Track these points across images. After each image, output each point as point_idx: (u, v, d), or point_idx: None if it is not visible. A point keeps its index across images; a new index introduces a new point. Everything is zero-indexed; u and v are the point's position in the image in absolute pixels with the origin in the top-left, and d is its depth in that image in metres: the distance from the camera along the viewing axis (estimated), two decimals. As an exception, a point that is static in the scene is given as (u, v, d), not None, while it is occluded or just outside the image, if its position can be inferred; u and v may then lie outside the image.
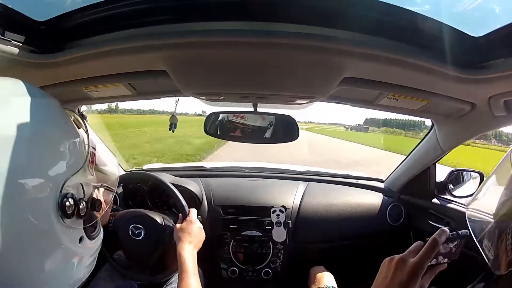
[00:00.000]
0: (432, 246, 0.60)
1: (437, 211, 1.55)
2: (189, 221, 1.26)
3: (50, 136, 0.50)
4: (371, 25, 0.75)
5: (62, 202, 0.49)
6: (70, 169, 0.52)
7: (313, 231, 1.69)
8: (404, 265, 0.60)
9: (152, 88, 1.25)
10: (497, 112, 0.98)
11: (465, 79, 0.82)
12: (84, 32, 0.83)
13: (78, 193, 0.53)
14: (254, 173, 1.99)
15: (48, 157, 0.49)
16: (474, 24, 0.77)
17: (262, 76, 0.95)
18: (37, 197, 0.46)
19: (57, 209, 0.48)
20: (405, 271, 0.60)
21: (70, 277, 0.54)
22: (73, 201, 0.51)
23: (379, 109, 1.28)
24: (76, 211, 0.51)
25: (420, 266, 0.59)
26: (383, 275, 0.63)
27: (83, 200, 0.54)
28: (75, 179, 0.52)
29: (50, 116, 0.53)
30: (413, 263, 0.60)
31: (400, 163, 1.77)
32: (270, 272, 1.64)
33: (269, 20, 0.74)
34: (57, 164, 0.50)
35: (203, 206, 1.69)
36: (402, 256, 0.62)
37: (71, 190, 0.51)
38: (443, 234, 0.61)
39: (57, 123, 0.54)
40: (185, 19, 0.76)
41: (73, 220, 0.51)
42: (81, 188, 0.54)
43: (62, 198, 0.49)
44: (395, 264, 0.62)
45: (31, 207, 0.45)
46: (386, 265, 0.64)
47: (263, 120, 1.24)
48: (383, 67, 0.86)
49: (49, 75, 0.97)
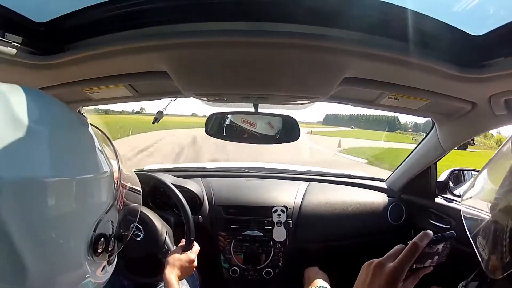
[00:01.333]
0: (412, 250, 0.58)
1: (438, 210, 1.55)
2: (187, 255, 1.22)
3: (91, 178, 0.49)
4: (371, 25, 0.75)
5: (93, 243, 0.49)
6: (103, 208, 0.51)
7: (314, 230, 1.69)
8: (382, 269, 0.58)
9: (152, 89, 1.25)
10: (498, 111, 0.98)
11: (466, 78, 0.82)
12: (84, 33, 0.83)
13: (107, 229, 0.52)
14: (254, 173, 1.99)
15: (88, 200, 0.48)
16: (474, 23, 0.77)
17: (263, 76, 0.95)
18: (71, 239, 0.46)
19: (88, 249, 0.48)
20: (383, 275, 0.57)
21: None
22: (104, 240, 0.50)
23: (380, 109, 1.28)
24: (105, 248, 0.51)
25: (399, 271, 0.57)
26: (362, 279, 0.62)
27: (112, 236, 0.53)
28: (107, 217, 0.52)
29: (92, 154, 0.52)
30: (392, 267, 0.57)
31: (401, 162, 1.77)
32: (271, 272, 1.64)
33: (269, 20, 0.74)
34: (93, 206, 0.49)
35: (204, 206, 1.69)
36: (381, 260, 0.60)
37: (102, 230, 0.50)
38: (425, 238, 0.59)
39: (97, 161, 0.52)
40: (185, 20, 0.76)
41: (101, 256, 0.51)
42: (111, 225, 0.53)
43: (94, 239, 0.49)
44: (373, 268, 0.60)
45: (65, 247, 0.45)
46: (365, 269, 0.62)
47: (272, 128, 1.24)
48: (383, 67, 0.86)
49: (49, 77, 0.97)
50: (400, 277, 0.57)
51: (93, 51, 0.82)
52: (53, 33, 0.82)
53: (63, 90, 1.08)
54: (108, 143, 0.60)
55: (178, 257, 1.19)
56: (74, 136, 0.50)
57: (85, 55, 0.83)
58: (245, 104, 1.21)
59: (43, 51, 0.83)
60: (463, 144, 1.36)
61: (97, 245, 0.49)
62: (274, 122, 1.25)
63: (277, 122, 1.25)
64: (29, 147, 0.41)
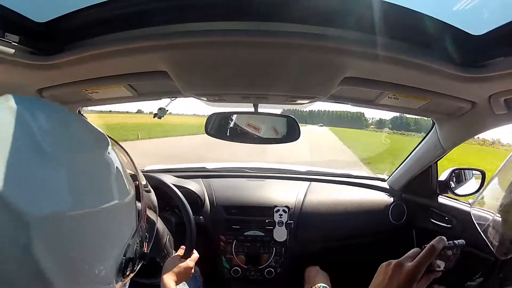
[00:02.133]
0: (430, 252, 0.61)
1: (439, 210, 1.55)
2: (186, 263, 1.21)
3: (116, 204, 0.48)
4: (371, 25, 0.75)
5: (122, 268, 0.49)
6: (130, 232, 0.51)
7: (315, 230, 1.69)
8: (401, 269, 0.62)
9: (152, 89, 1.25)
10: (498, 110, 0.98)
11: (465, 78, 0.82)
12: (84, 34, 0.83)
13: (133, 252, 0.52)
14: (255, 173, 1.99)
15: (115, 227, 0.48)
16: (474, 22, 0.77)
17: (262, 76, 0.95)
18: (103, 265, 0.46)
19: (117, 274, 0.48)
20: (402, 275, 0.61)
21: None
22: (131, 264, 0.50)
23: (380, 109, 1.28)
24: (132, 269, 0.52)
25: (417, 271, 0.61)
26: (380, 279, 0.65)
27: (137, 257, 0.53)
28: (134, 240, 0.52)
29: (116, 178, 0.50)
30: (411, 267, 0.61)
31: (402, 162, 1.77)
32: (273, 272, 1.64)
33: (269, 20, 0.74)
34: (121, 231, 0.49)
35: (206, 206, 1.69)
36: (400, 261, 0.64)
37: (131, 254, 0.50)
38: (441, 242, 0.63)
39: (121, 186, 0.50)
40: (185, 20, 0.76)
41: (128, 277, 0.52)
42: (136, 246, 0.53)
43: (124, 264, 0.49)
44: (393, 268, 0.63)
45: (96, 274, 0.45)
46: (383, 269, 0.65)
47: (276, 133, 1.24)
48: (383, 67, 0.86)
49: (49, 77, 0.97)
50: (418, 277, 0.61)
51: (93, 51, 0.82)
52: (53, 33, 0.82)
53: (63, 90, 1.08)
54: (128, 159, 0.59)
55: (177, 263, 1.19)
56: (97, 163, 0.48)
57: (85, 55, 0.82)
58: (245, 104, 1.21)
59: (43, 51, 0.83)
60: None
61: (126, 269, 0.49)
62: (279, 126, 1.25)
63: (281, 127, 1.25)
64: (51, 179, 0.40)
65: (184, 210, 1.37)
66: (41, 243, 0.37)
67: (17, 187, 0.36)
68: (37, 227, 0.37)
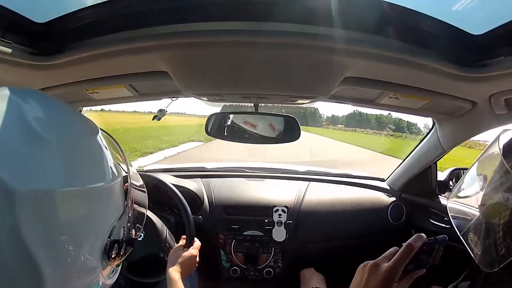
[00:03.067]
0: (407, 251, 0.59)
1: (438, 210, 1.55)
2: (189, 252, 1.21)
3: (103, 186, 0.50)
4: (371, 24, 0.75)
5: (108, 250, 0.50)
6: (116, 214, 0.52)
7: (315, 230, 1.69)
8: (377, 270, 0.60)
9: (153, 89, 1.25)
10: (498, 110, 0.98)
11: (466, 78, 0.82)
12: (85, 34, 0.83)
13: (120, 235, 0.53)
14: (255, 173, 1.99)
15: (101, 208, 0.49)
16: (474, 22, 0.77)
17: (263, 76, 0.95)
18: (88, 245, 0.47)
19: (102, 255, 0.49)
20: (379, 276, 0.59)
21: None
22: (117, 246, 0.51)
23: (381, 108, 1.28)
24: (118, 253, 0.52)
25: (394, 271, 0.59)
26: (358, 281, 0.63)
27: (124, 241, 0.54)
28: (120, 223, 0.53)
29: (103, 161, 0.52)
30: (387, 267, 0.59)
31: (401, 162, 1.77)
32: (271, 272, 1.64)
33: (269, 20, 0.74)
34: (107, 213, 0.51)
35: (204, 206, 1.69)
36: (376, 261, 0.62)
37: (116, 236, 0.51)
38: (419, 240, 0.60)
39: (108, 169, 0.52)
40: (185, 20, 0.76)
41: (114, 260, 0.52)
42: (123, 230, 0.54)
43: (108, 245, 0.50)
44: (369, 269, 0.62)
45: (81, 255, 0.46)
46: (360, 271, 0.64)
47: (273, 131, 1.24)
48: (384, 66, 0.86)
49: (49, 77, 0.97)
50: (395, 277, 0.59)
51: (93, 51, 0.82)
52: (54, 34, 0.82)
53: (63, 90, 1.08)
54: (116, 147, 0.60)
55: (180, 253, 1.19)
56: (85, 144, 0.50)
57: (85, 55, 0.82)
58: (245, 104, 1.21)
59: (43, 51, 0.83)
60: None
61: (111, 251, 0.50)
62: (276, 123, 1.25)
63: (278, 124, 1.25)
64: (41, 158, 0.41)
65: (183, 210, 1.37)
66: (27, 219, 0.38)
67: (6, 164, 0.38)
68: (24, 203, 0.38)
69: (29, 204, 0.39)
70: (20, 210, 0.38)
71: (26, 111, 0.43)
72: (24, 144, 0.40)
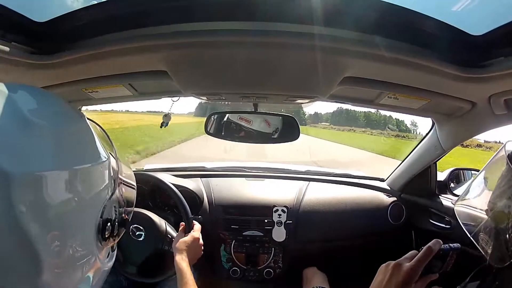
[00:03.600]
0: (427, 253, 0.65)
1: (438, 210, 1.55)
2: (191, 235, 1.23)
3: (91, 167, 0.51)
4: (371, 25, 0.75)
5: (101, 229, 0.51)
6: (106, 194, 0.54)
7: (314, 231, 1.69)
8: (400, 269, 0.65)
9: (153, 89, 1.25)
10: (498, 110, 0.98)
11: (465, 78, 0.82)
12: (84, 33, 0.83)
13: (112, 215, 0.55)
14: (254, 173, 1.99)
15: (91, 188, 0.51)
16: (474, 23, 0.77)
17: (262, 76, 0.95)
18: (82, 225, 0.49)
19: (96, 234, 0.51)
20: (401, 274, 0.64)
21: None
22: (110, 225, 0.53)
23: (380, 108, 1.28)
24: (111, 233, 0.54)
25: (414, 271, 0.64)
26: (380, 278, 0.68)
27: (116, 221, 0.56)
28: (110, 202, 0.54)
29: (90, 144, 0.55)
30: (409, 267, 0.64)
31: (401, 162, 1.77)
32: (272, 272, 1.64)
33: (269, 20, 0.74)
34: (97, 193, 0.52)
35: (204, 206, 1.69)
36: (398, 261, 0.67)
37: (108, 215, 0.53)
38: (437, 244, 0.66)
39: (95, 151, 0.55)
40: (185, 20, 0.76)
41: (108, 241, 0.54)
42: (114, 210, 0.56)
43: (101, 224, 0.51)
44: (392, 268, 0.67)
45: (76, 235, 0.48)
46: (383, 270, 0.69)
47: (268, 126, 1.24)
48: (383, 66, 0.86)
49: (49, 76, 0.97)
50: (415, 277, 0.64)
51: (93, 50, 0.82)
52: (53, 33, 0.82)
53: (63, 89, 1.08)
54: (102, 134, 0.63)
55: (183, 240, 1.20)
56: (73, 129, 0.52)
57: (85, 54, 0.83)
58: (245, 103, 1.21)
59: (43, 50, 0.83)
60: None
61: (105, 230, 0.52)
62: (271, 119, 1.25)
63: (274, 120, 1.25)
64: (34, 143, 0.44)
65: (182, 209, 1.37)
66: (22, 200, 0.40)
67: (2, 149, 0.40)
68: (19, 185, 0.39)
69: (24, 186, 0.40)
70: (15, 192, 0.39)
71: (18, 101, 0.45)
72: (18, 131, 0.42)
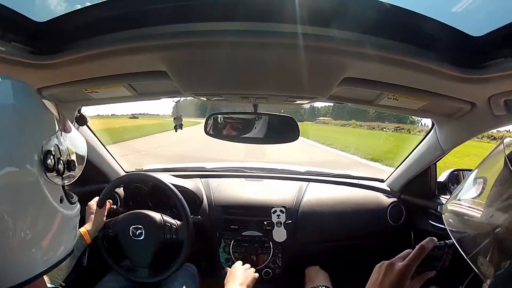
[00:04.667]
0: (419, 252, 0.66)
1: (437, 211, 1.55)
2: (237, 268, 1.28)
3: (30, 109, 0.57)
4: (371, 25, 0.75)
5: (44, 158, 0.55)
6: (49, 131, 0.58)
7: (314, 231, 1.69)
8: (392, 269, 0.67)
9: (152, 89, 1.25)
10: (497, 111, 0.98)
11: (465, 79, 0.82)
12: (84, 33, 0.83)
13: (55, 151, 0.58)
14: (254, 173, 1.99)
15: (31, 123, 0.56)
16: (474, 24, 0.77)
17: (262, 76, 0.95)
18: (22, 153, 0.53)
19: (40, 163, 0.54)
20: (394, 274, 0.66)
21: (58, 242, 0.59)
22: (53, 158, 0.56)
23: (380, 109, 1.28)
24: (56, 166, 0.57)
25: (407, 269, 0.65)
26: (374, 278, 0.70)
27: (61, 160, 0.59)
28: (53, 140, 0.58)
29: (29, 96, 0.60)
30: (402, 266, 0.66)
31: (401, 163, 1.77)
32: (270, 272, 1.64)
33: (269, 20, 0.74)
34: (39, 130, 0.57)
35: (204, 206, 1.69)
36: (392, 261, 0.69)
37: (49, 148, 0.57)
38: (431, 242, 0.67)
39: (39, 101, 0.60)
40: (184, 20, 0.76)
41: (53, 176, 0.57)
42: (58, 149, 0.59)
43: (43, 154, 0.55)
44: (385, 267, 0.68)
45: (17, 162, 0.52)
46: (377, 269, 0.71)
47: (268, 126, 1.24)
48: (383, 67, 0.86)
49: (48, 76, 0.97)
50: (408, 275, 0.66)
51: (93, 51, 0.82)
52: (53, 33, 0.82)
53: (62, 89, 1.08)
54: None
55: (230, 271, 1.27)
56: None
57: (84, 55, 0.82)
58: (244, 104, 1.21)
59: (43, 50, 0.83)
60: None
61: (47, 160, 0.55)
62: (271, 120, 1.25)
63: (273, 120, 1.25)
64: None
65: (182, 209, 1.37)
66: None
67: None
68: None
69: None
70: None
71: None
72: None
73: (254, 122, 1.22)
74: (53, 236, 0.58)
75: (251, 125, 1.23)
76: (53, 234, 0.58)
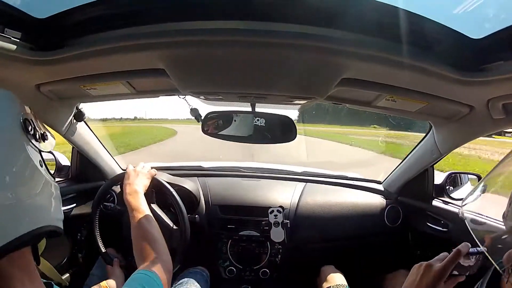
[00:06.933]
0: (455, 256, 0.71)
1: (435, 213, 1.55)
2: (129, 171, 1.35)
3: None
4: (370, 26, 0.75)
5: (24, 121, 0.60)
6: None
7: (311, 231, 1.69)
8: (430, 269, 0.72)
9: (151, 87, 1.25)
10: (496, 115, 0.98)
11: (464, 82, 0.82)
12: (84, 30, 0.83)
13: (33, 122, 0.63)
14: (251, 173, 1.99)
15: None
16: (473, 26, 0.77)
17: (260, 76, 0.95)
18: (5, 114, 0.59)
19: (21, 125, 0.59)
20: (431, 274, 0.72)
21: (44, 209, 0.60)
22: (31, 123, 0.62)
23: (378, 111, 1.28)
24: (34, 131, 0.62)
25: (444, 271, 0.71)
26: (413, 278, 0.75)
27: (37, 129, 0.64)
28: (30, 116, 0.63)
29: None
30: (439, 267, 0.71)
31: (398, 164, 1.77)
32: (267, 272, 1.64)
33: (267, 19, 0.74)
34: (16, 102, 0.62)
35: (201, 205, 1.69)
36: (430, 262, 0.74)
37: (28, 118, 0.62)
38: (466, 247, 0.72)
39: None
40: (183, 18, 0.76)
41: (32, 139, 0.61)
42: (33, 122, 0.64)
43: (23, 118, 0.60)
44: (424, 268, 0.74)
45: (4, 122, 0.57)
46: (415, 270, 0.76)
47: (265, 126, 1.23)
48: (382, 69, 0.86)
49: (47, 72, 0.97)
50: (444, 277, 0.71)
51: (92, 48, 0.82)
52: (53, 29, 0.82)
53: (61, 86, 1.08)
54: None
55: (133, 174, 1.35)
56: None
57: (83, 51, 0.82)
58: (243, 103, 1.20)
59: (42, 47, 0.83)
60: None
61: (27, 126, 0.60)
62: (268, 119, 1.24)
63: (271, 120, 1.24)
64: None
65: (178, 209, 1.37)
66: None
67: None
68: None
69: None
70: None
71: None
72: None
73: (252, 122, 1.22)
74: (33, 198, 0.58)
75: (248, 124, 1.22)
76: (34, 194, 0.58)
